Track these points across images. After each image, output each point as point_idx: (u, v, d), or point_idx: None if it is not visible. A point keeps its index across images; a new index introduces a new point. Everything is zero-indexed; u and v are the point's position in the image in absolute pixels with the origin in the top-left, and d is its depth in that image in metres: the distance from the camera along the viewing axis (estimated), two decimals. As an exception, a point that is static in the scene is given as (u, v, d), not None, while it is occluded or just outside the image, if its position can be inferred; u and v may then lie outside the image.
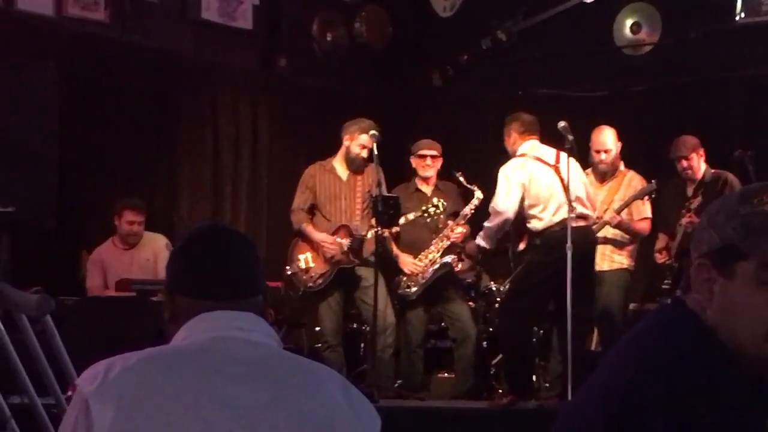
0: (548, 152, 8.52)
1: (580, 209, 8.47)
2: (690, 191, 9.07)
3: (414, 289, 9.34)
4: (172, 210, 10.14)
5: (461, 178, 9.44)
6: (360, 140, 9.10)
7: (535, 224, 8.47)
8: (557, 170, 8.42)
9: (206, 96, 10.54)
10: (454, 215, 9.44)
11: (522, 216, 8.49)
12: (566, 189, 8.31)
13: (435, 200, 9.09)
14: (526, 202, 8.45)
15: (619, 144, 9.30)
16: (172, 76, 10.26)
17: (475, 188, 9.36)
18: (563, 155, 8.40)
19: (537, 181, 8.44)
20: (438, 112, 12.46)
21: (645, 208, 9.24)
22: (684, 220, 8.83)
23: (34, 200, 8.63)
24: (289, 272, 9.19)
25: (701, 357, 2.01)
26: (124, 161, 9.86)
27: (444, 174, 9.67)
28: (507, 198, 8.44)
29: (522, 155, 8.61)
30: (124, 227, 9.06)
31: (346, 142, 9.18)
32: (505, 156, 8.89)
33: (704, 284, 2.05)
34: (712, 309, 2.04)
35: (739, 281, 2.01)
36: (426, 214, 9.05)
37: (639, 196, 9.13)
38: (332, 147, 9.27)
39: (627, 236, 9.25)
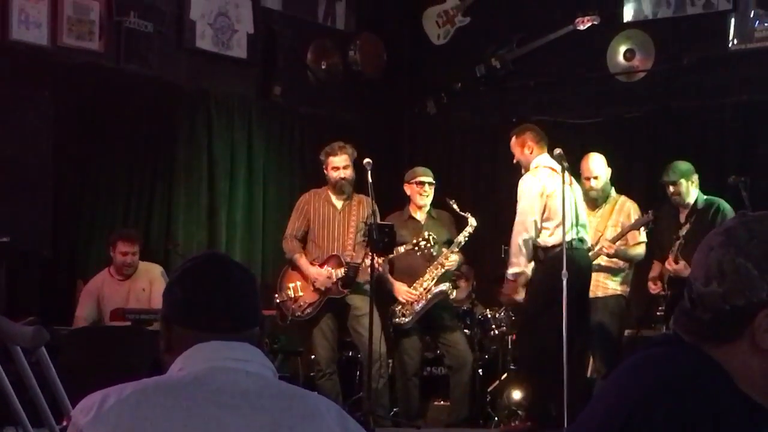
0: (559, 169, 8.44)
1: (582, 233, 8.46)
2: (682, 217, 9.06)
3: (409, 317, 9.32)
4: (167, 237, 10.13)
5: (455, 206, 9.42)
6: (331, 164, 9.13)
7: (545, 239, 8.40)
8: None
9: (202, 124, 10.55)
10: (448, 243, 9.44)
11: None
12: (577, 208, 8.32)
13: (426, 233, 9.08)
14: (544, 215, 8.41)
15: (609, 170, 9.31)
16: (167, 105, 10.27)
17: (469, 216, 9.35)
18: (569, 176, 8.40)
19: (557, 195, 8.36)
20: (433, 139, 12.49)
21: (639, 233, 9.22)
22: (668, 265, 8.83)
23: (30, 230, 8.65)
24: (278, 300, 9.18)
25: (707, 384, 1.99)
26: (119, 190, 9.86)
27: (438, 202, 9.67)
28: (532, 210, 8.33)
29: (536, 167, 8.56)
30: (118, 258, 9.03)
31: (325, 173, 9.22)
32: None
33: (766, 333, 2.00)
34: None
35: None
36: (417, 248, 9.04)
37: (636, 227, 9.12)
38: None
39: (621, 263, 9.25)
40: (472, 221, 9.32)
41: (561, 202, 8.20)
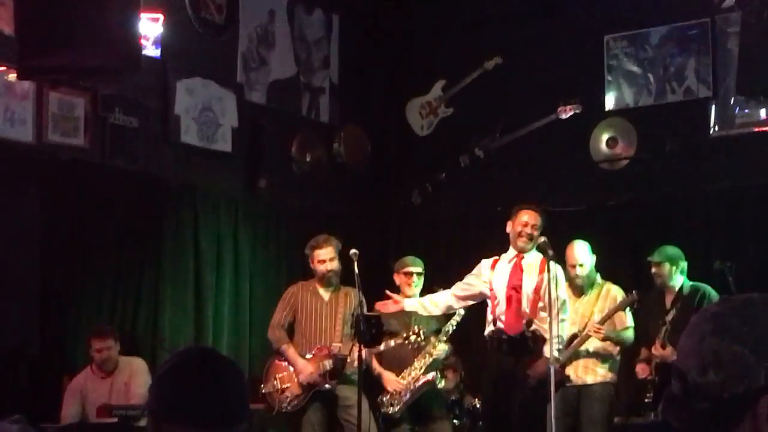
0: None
1: None
2: (668, 302, 9.09)
3: (397, 407, 9.27)
4: (154, 332, 10.07)
5: None
6: (317, 257, 9.17)
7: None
8: None
9: (188, 218, 10.53)
10: (437, 332, 9.43)
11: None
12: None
13: (416, 327, 9.09)
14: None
15: (594, 257, 9.34)
16: (153, 199, 10.26)
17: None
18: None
19: None
20: (418, 229, 12.50)
21: (626, 318, 9.23)
22: (655, 351, 8.86)
23: (16, 327, 8.59)
24: (264, 391, 9.14)
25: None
26: (106, 285, 9.81)
27: (427, 291, 9.66)
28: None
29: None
30: (95, 356, 8.96)
31: (312, 266, 9.25)
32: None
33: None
34: None
35: None
36: (407, 341, 9.04)
37: (621, 308, 9.13)
38: (313, 267, 9.30)
39: (611, 348, 9.23)
40: (460, 311, 9.30)
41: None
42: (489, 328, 8.61)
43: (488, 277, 8.67)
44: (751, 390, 1.98)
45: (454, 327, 9.35)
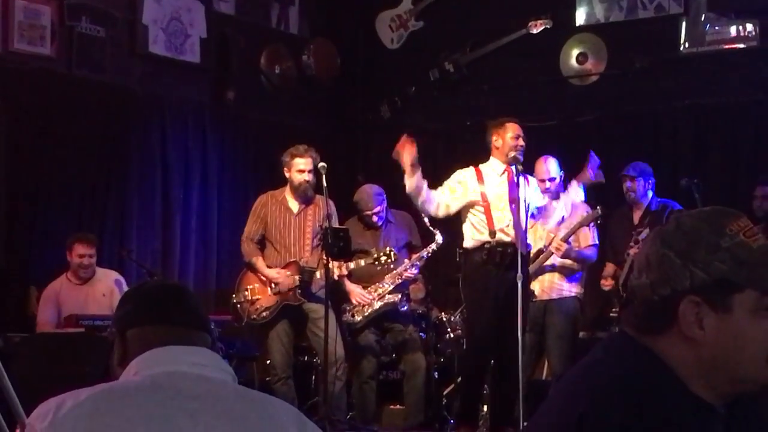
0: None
1: None
2: (636, 218, 9.14)
3: (358, 318, 9.34)
4: (121, 244, 10.06)
5: (426, 220, 9.24)
6: (296, 166, 9.06)
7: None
8: None
9: (155, 129, 10.49)
10: (408, 246, 9.45)
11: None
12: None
13: (388, 249, 9.06)
14: None
15: (562, 173, 9.35)
16: (120, 110, 10.20)
17: (437, 233, 9.26)
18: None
19: None
20: (387, 143, 12.41)
21: (591, 235, 9.28)
22: (632, 251, 8.92)
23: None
24: (234, 301, 9.15)
25: (655, 387, 2.02)
26: (72, 196, 9.79)
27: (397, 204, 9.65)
28: None
29: None
30: (75, 260, 8.99)
31: (287, 174, 9.15)
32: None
33: (695, 321, 2.04)
34: (706, 343, 2.04)
35: (738, 313, 2.03)
36: (377, 263, 9.04)
37: (584, 223, 9.17)
38: (282, 180, 9.23)
39: (575, 264, 9.28)
40: (439, 238, 9.25)
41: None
42: (483, 238, 8.31)
43: (477, 186, 8.43)
44: (676, 292, 2.05)
45: (429, 254, 9.36)
